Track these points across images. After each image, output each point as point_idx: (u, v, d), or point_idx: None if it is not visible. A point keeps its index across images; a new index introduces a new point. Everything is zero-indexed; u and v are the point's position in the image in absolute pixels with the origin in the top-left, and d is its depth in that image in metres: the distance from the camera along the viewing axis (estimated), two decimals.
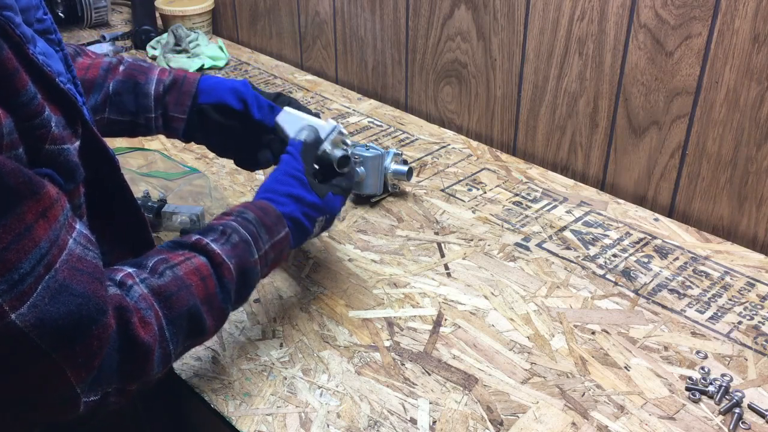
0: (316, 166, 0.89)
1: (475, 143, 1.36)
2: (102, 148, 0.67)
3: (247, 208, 0.78)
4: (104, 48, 1.75)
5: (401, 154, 1.18)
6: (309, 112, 0.97)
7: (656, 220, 1.13)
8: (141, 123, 0.95)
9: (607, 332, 0.90)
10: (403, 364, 0.85)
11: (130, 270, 0.65)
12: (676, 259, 1.04)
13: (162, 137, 1.18)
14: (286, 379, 0.83)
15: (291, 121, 0.94)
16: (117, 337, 0.59)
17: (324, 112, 1.47)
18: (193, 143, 1.00)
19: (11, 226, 0.50)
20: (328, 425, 0.78)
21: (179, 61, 1.65)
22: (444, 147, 1.34)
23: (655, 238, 1.08)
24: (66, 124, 0.60)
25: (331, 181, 0.88)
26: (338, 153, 0.89)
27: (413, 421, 0.78)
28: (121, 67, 0.95)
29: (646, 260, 1.03)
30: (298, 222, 0.82)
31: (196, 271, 0.68)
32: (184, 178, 1.16)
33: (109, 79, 0.94)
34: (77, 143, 0.61)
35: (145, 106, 0.94)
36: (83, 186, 0.63)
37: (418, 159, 1.30)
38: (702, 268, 1.02)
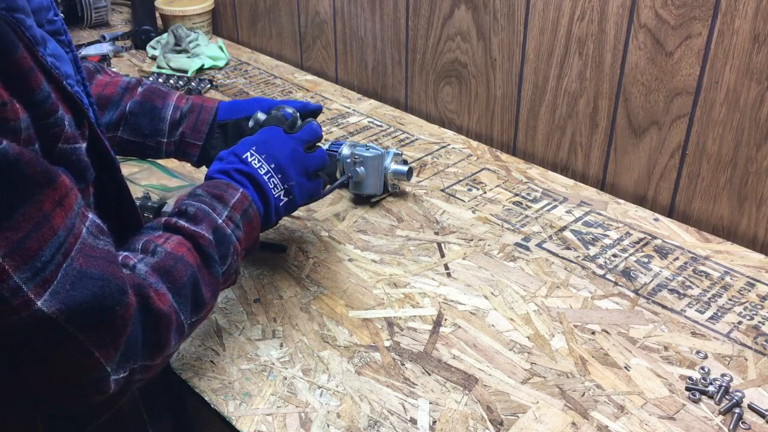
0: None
1: (475, 143, 1.36)
2: (105, 150, 0.68)
3: (195, 187, 0.80)
4: (104, 48, 1.75)
5: (401, 154, 1.18)
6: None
7: (656, 220, 1.13)
8: (151, 146, 0.97)
9: (607, 332, 0.90)
10: (403, 364, 0.85)
11: (125, 253, 0.67)
12: (676, 259, 1.04)
13: None
14: (286, 379, 0.83)
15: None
16: (139, 313, 0.60)
17: (324, 112, 1.47)
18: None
19: (30, 215, 0.51)
20: (328, 425, 0.78)
21: (179, 61, 1.65)
22: (444, 147, 1.34)
23: (655, 238, 1.08)
24: (75, 125, 0.60)
25: None
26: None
27: (413, 421, 0.78)
28: (140, 89, 0.97)
29: (646, 260, 1.03)
30: (228, 171, 0.83)
31: (180, 245, 0.70)
32: (178, 191, 1.14)
33: (127, 99, 0.95)
34: (84, 144, 0.62)
35: (159, 130, 0.96)
36: (92, 186, 0.64)
37: (418, 159, 1.30)
38: (702, 268, 1.02)
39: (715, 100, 1.08)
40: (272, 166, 0.84)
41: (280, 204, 0.85)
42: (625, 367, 0.85)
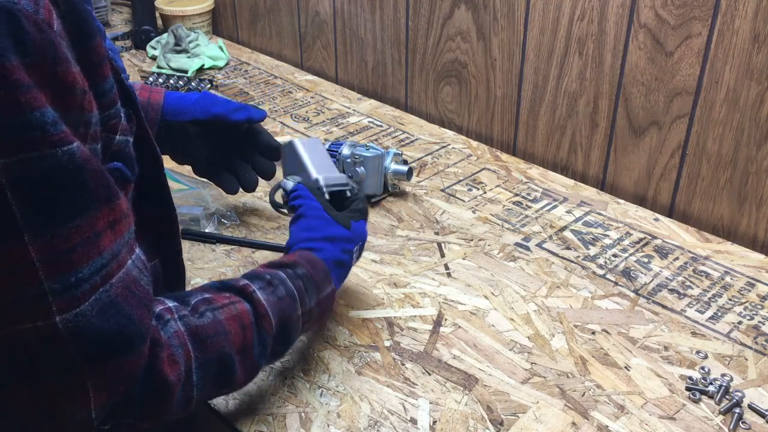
0: (327, 197, 0.88)
1: (475, 143, 1.36)
2: (152, 146, 0.66)
3: (296, 262, 0.75)
4: None
5: (401, 154, 1.18)
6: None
7: (656, 220, 1.13)
8: None
9: (607, 332, 0.90)
10: (403, 364, 0.85)
11: (170, 304, 0.63)
12: (676, 259, 1.04)
13: None
14: (286, 379, 0.83)
15: (291, 157, 0.95)
16: (144, 370, 0.57)
17: (324, 112, 1.47)
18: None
19: (83, 228, 0.49)
20: (328, 425, 0.78)
21: (179, 61, 1.65)
22: (444, 147, 1.34)
23: (655, 238, 1.08)
24: (126, 118, 0.60)
25: (348, 208, 0.87)
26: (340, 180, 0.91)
27: (413, 421, 0.78)
28: None
29: (646, 260, 1.03)
30: (340, 262, 0.80)
31: (238, 318, 0.66)
32: (180, 194, 1.14)
33: None
34: (131, 139, 0.61)
35: None
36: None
37: (418, 159, 1.30)
38: (702, 268, 1.02)
39: (715, 100, 1.08)
40: (356, 251, 0.84)
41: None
42: (625, 367, 0.85)
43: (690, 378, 0.83)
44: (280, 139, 1.06)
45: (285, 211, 1.14)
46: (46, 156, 0.47)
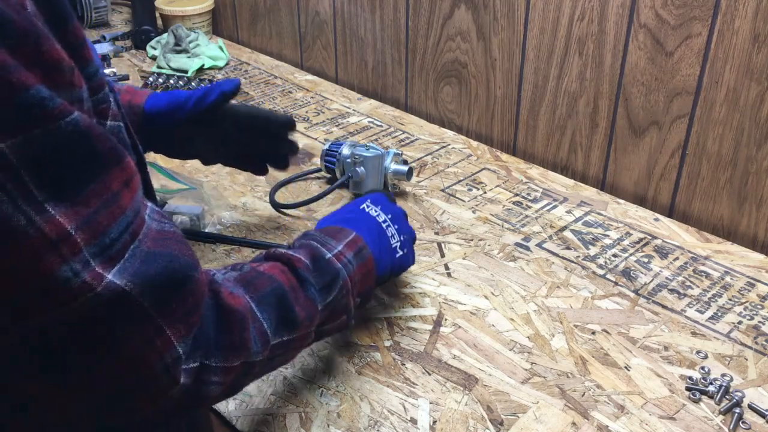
0: None
1: (475, 143, 1.36)
2: (134, 143, 0.67)
3: (303, 234, 0.79)
4: (104, 48, 1.75)
5: (401, 154, 1.18)
6: None
7: (656, 220, 1.13)
8: None
9: (607, 332, 0.90)
10: (403, 364, 0.85)
11: (211, 269, 0.66)
12: (676, 259, 1.04)
13: None
14: (286, 379, 0.83)
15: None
16: (211, 307, 0.58)
17: (324, 112, 1.47)
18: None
19: (99, 191, 0.50)
20: (328, 425, 0.78)
21: (179, 61, 1.65)
22: (444, 147, 1.34)
23: (655, 238, 1.08)
24: (116, 105, 0.60)
25: None
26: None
27: (413, 421, 0.78)
28: None
29: (646, 260, 1.03)
30: (346, 218, 0.81)
31: (273, 267, 0.69)
32: (179, 194, 1.15)
33: None
34: (123, 125, 0.61)
35: None
36: None
37: (418, 159, 1.30)
38: (702, 268, 1.02)
39: (715, 100, 1.08)
40: (389, 216, 0.84)
41: (397, 256, 0.84)
42: (625, 367, 0.85)
43: (690, 378, 0.83)
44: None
45: (285, 211, 1.14)
46: (52, 130, 0.47)
